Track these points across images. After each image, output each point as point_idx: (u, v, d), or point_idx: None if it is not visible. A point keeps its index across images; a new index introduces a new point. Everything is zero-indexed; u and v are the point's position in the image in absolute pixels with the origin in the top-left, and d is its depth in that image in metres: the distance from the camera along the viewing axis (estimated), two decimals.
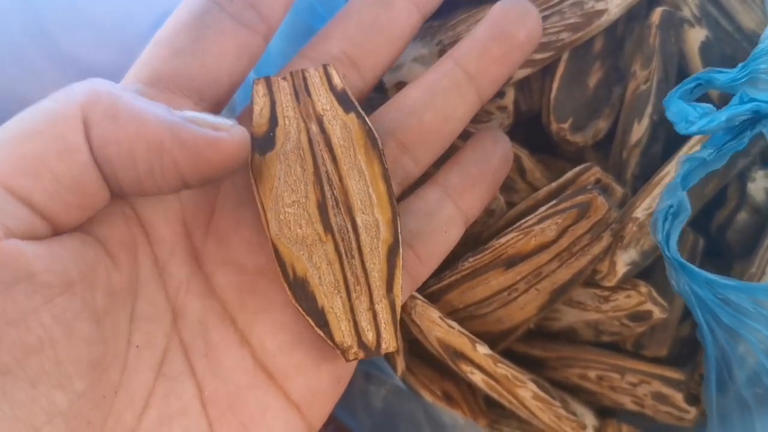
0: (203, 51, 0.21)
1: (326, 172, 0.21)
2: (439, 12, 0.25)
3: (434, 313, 0.24)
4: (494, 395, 0.25)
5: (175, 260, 0.20)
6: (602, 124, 0.28)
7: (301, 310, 0.20)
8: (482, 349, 0.25)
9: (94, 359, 0.17)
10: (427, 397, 0.26)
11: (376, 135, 0.21)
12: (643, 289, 0.26)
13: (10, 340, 0.15)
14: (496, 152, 0.24)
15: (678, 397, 0.26)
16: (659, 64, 0.27)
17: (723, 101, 0.27)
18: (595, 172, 0.27)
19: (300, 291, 0.20)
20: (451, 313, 0.25)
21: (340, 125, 0.21)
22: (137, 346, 0.18)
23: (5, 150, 0.16)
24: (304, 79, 0.21)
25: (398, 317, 0.20)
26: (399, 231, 0.20)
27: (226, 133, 0.18)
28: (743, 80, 0.20)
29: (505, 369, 0.25)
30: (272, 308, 0.20)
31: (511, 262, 0.24)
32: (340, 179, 0.21)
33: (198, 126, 0.18)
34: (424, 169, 0.24)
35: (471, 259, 0.25)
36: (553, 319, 0.28)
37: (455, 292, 0.25)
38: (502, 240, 0.24)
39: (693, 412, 0.26)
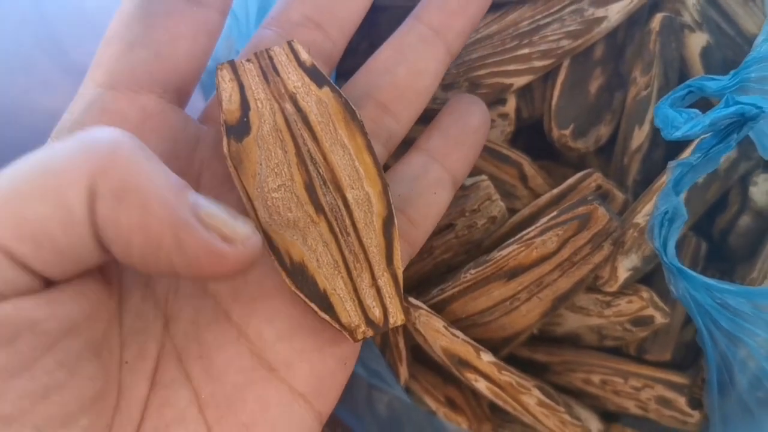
0: (157, 40, 0.20)
1: (308, 151, 0.20)
2: None
3: (438, 323, 0.25)
4: (499, 402, 0.26)
5: None
6: (604, 130, 0.28)
7: (302, 296, 0.19)
8: (486, 357, 0.25)
9: (97, 393, 0.17)
10: (431, 403, 0.26)
11: (353, 107, 0.20)
12: (645, 294, 0.26)
13: (15, 393, 0.15)
14: (473, 113, 0.24)
15: (681, 401, 0.27)
16: (660, 70, 0.27)
17: None
18: (597, 179, 0.27)
19: (299, 277, 0.19)
20: (454, 322, 0.26)
21: (315, 101, 0.20)
22: (126, 362, 0.18)
23: (6, 209, 0.15)
24: (270, 58, 0.20)
25: (401, 288, 0.20)
26: (391, 202, 0.20)
27: (234, 247, 0.16)
28: (734, 88, 0.20)
29: (509, 376, 0.25)
30: (266, 295, 0.20)
31: (512, 274, 0.25)
32: (324, 157, 0.20)
33: (205, 228, 0.16)
34: (407, 128, 0.23)
35: (473, 271, 0.25)
36: (557, 324, 0.28)
37: (458, 303, 0.25)
38: (504, 252, 0.25)
39: (696, 416, 0.26)
